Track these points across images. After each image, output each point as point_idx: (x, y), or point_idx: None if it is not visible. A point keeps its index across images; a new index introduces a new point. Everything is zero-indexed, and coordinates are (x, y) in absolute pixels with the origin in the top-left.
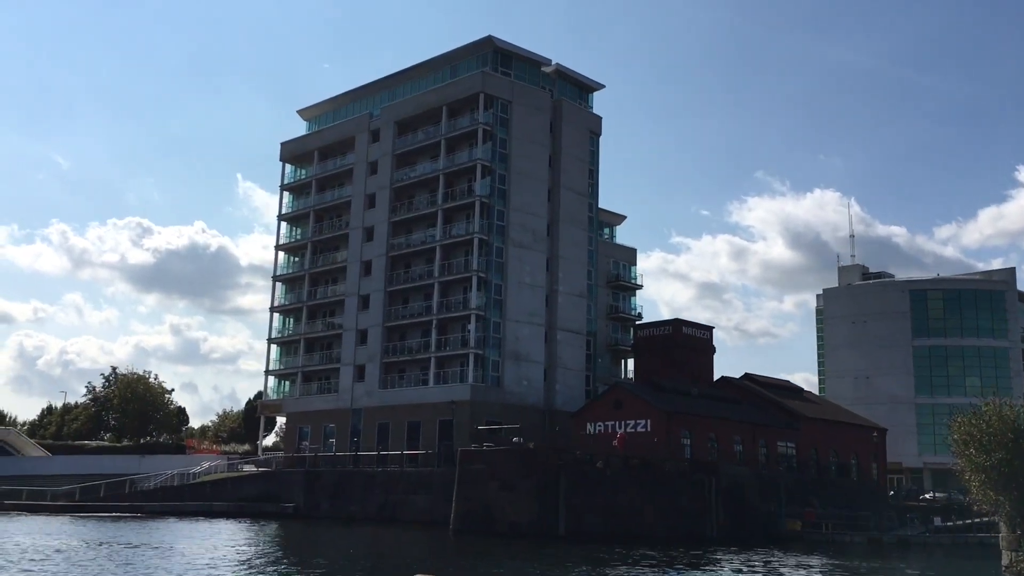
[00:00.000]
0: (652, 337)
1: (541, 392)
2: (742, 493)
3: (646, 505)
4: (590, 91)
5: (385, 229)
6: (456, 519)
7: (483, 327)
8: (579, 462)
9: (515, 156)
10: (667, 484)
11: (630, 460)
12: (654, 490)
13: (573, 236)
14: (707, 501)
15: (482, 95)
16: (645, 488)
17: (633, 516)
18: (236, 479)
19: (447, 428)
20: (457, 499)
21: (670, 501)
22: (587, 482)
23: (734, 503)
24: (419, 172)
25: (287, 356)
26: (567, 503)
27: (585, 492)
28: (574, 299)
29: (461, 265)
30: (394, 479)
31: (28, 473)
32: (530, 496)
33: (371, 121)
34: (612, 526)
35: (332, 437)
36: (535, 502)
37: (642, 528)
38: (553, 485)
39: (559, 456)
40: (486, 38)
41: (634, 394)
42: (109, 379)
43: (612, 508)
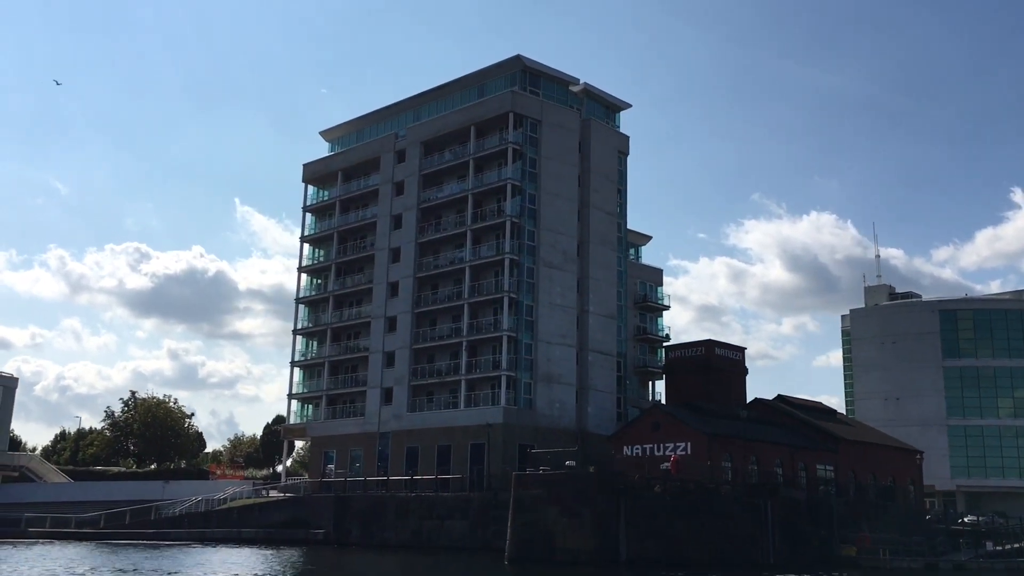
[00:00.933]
0: (684, 358)
1: (573, 414)
2: (797, 517)
3: (704, 530)
4: (617, 110)
5: (412, 250)
6: (513, 546)
7: (514, 348)
8: (637, 487)
9: (545, 176)
10: (723, 509)
11: (686, 484)
12: (711, 515)
13: (603, 256)
14: (764, 526)
15: (511, 114)
16: (702, 513)
17: (692, 542)
18: (263, 505)
19: (479, 452)
20: (513, 525)
21: (727, 526)
22: (645, 507)
23: (790, 528)
24: (447, 192)
25: (310, 379)
26: (627, 529)
27: (644, 518)
28: (604, 320)
29: (491, 286)
30: (428, 504)
31: (51, 500)
32: (592, 522)
33: (396, 141)
34: (671, 552)
35: (359, 461)
36: (597, 528)
37: (701, 554)
38: (614, 511)
39: (619, 481)
40: (514, 57)
41: (673, 416)
42: (128, 403)
43: (671, 534)
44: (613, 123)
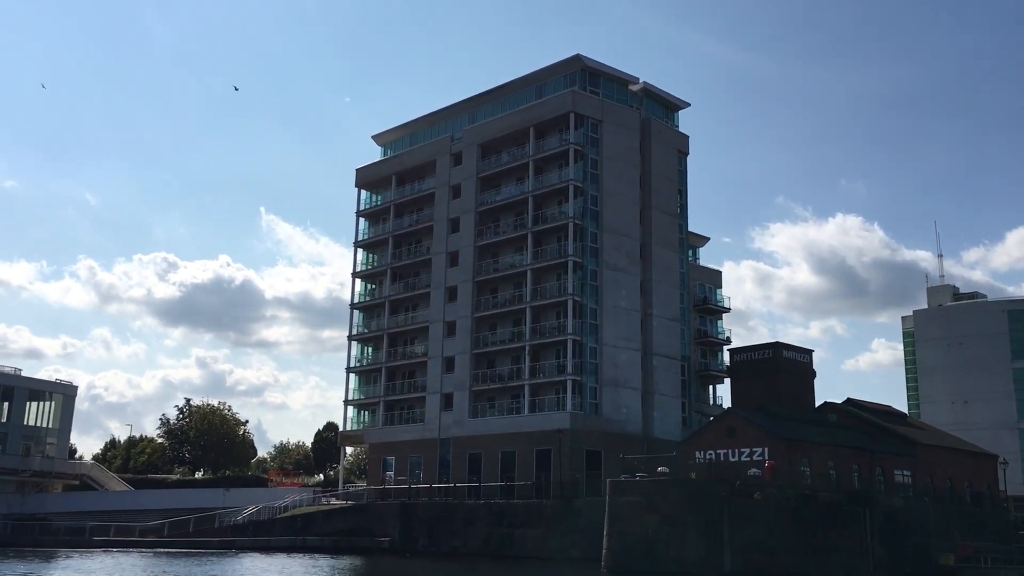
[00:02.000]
0: (750, 361)
1: (639, 420)
2: (895, 525)
3: (805, 539)
4: (676, 109)
5: (471, 253)
6: (610, 556)
7: (579, 353)
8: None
9: (606, 177)
10: (822, 516)
11: (784, 491)
12: (811, 523)
13: (665, 258)
14: (863, 534)
15: (572, 114)
16: (802, 521)
17: (794, 551)
18: (326, 512)
19: (544, 458)
20: (610, 535)
21: (828, 534)
22: (747, 515)
23: (888, 536)
24: (505, 195)
25: (366, 385)
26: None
27: (747, 526)
28: (668, 323)
29: (554, 289)
30: (498, 512)
31: (112, 508)
32: (696, 531)
33: (453, 144)
34: (775, 561)
35: (418, 468)
36: (701, 538)
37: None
38: (717, 519)
39: (723, 488)
40: (574, 56)
41: (749, 421)
42: (183, 411)
43: (773, 543)
44: (672, 122)
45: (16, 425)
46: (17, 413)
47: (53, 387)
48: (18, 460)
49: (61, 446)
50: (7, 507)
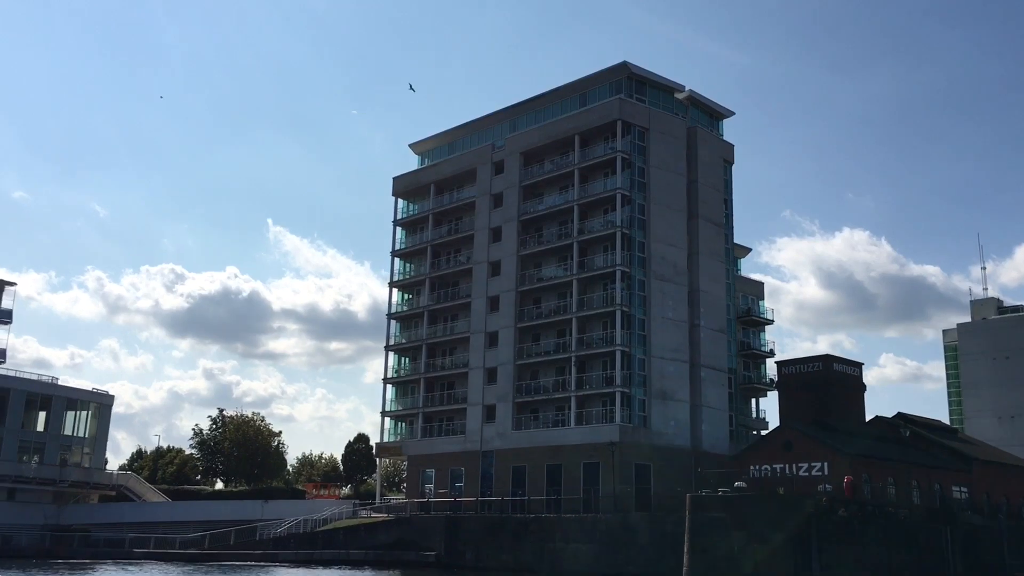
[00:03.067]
0: (800, 374)
1: (688, 433)
2: (975, 543)
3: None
4: (720, 118)
5: (513, 263)
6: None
7: (627, 364)
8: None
9: (653, 185)
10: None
11: (865, 507)
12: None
13: (712, 268)
14: (944, 552)
15: (619, 122)
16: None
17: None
18: (369, 526)
19: (592, 471)
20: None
21: (911, 552)
22: (833, 532)
23: (968, 554)
24: (548, 204)
25: (403, 396)
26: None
27: (832, 543)
28: (715, 334)
29: (601, 299)
30: (549, 526)
31: (151, 520)
32: (784, 548)
33: (494, 152)
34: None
35: (459, 481)
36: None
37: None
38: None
39: (810, 504)
40: (620, 64)
41: (808, 435)
42: (216, 421)
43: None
44: (716, 131)
45: (53, 435)
46: (55, 423)
47: (90, 396)
48: (55, 470)
49: (97, 456)
50: (44, 518)
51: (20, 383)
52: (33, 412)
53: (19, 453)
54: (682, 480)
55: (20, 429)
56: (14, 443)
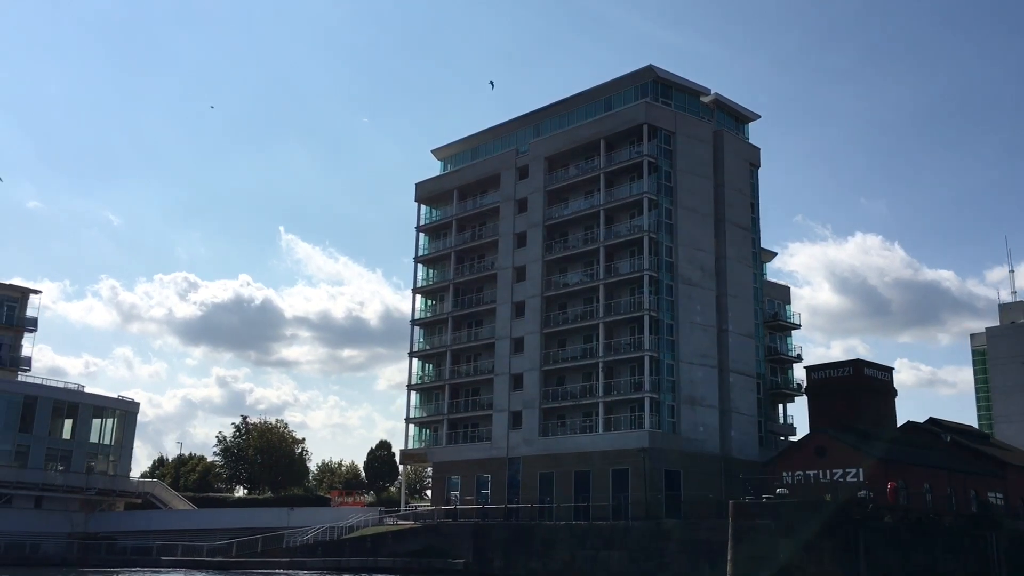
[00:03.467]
0: (829, 379)
1: (717, 439)
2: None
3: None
4: (746, 121)
5: (539, 268)
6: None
7: (656, 369)
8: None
9: (680, 189)
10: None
11: (909, 514)
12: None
13: (739, 273)
14: (989, 558)
15: (646, 126)
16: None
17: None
18: (396, 533)
19: (621, 478)
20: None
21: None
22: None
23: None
24: (573, 208)
25: (427, 403)
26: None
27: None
28: (743, 339)
29: (628, 304)
30: (580, 534)
31: (177, 527)
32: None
33: (518, 157)
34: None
35: (485, 487)
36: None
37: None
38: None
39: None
40: (646, 67)
41: (841, 440)
42: (240, 428)
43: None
44: (742, 134)
45: (80, 442)
46: (82, 431)
47: (116, 404)
48: (82, 478)
49: (123, 464)
50: (71, 526)
51: (47, 391)
52: (59, 420)
53: (46, 461)
54: (711, 486)
55: (47, 437)
56: (41, 451)
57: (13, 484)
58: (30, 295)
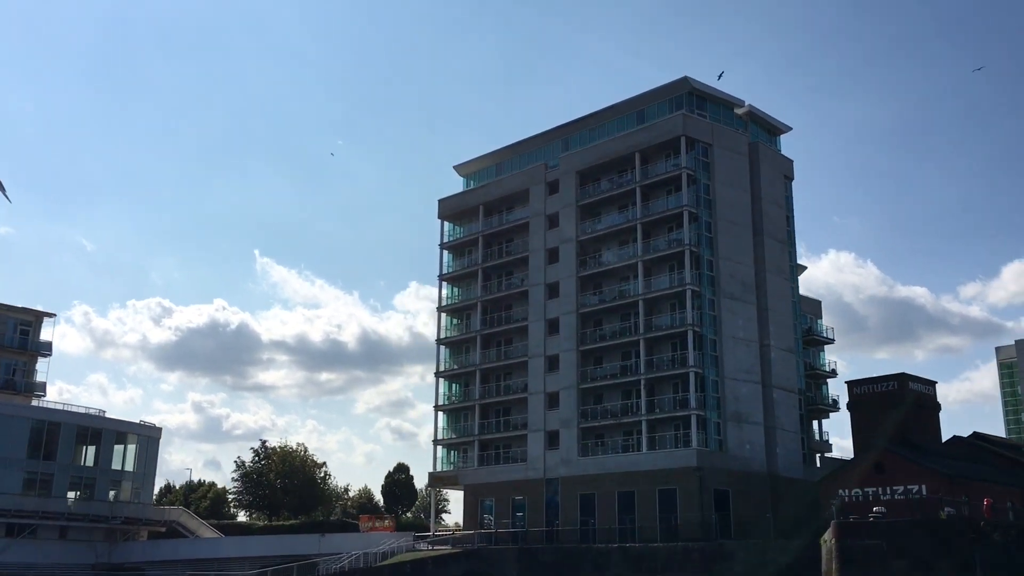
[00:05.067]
0: (873, 394)
1: (763, 456)
2: None
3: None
4: (778, 133)
5: (572, 285)
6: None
7: (701, 386)
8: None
9: (719, 202)
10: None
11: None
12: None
13: (778, 287)
14: None
15: (684, 138)
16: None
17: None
18: (437, 558)
19: (667, 498)
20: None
21: None
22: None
23: None
24: (607, 223)
25: (455, 423)
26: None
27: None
28: (784, 354)
29: (669, 320)
30: (636, 556)
31: (205, 556)
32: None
33: (547, 172)
34: None
35: (521, 510)
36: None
37: None
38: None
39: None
40: (681, 79)
41: (902, 456)
42: (259, 452)
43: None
44: (775, 146)
45: (104, 470)
46: (104, 457)
47: (138, 429)
48: (107, 506)
49: (146, 491)
50: (95, 556)
51: (69, 416)
52: (82, 446)
53: (70, 489)
54: (760, 506)
55: (70, 464)
56: (65, 479)
57: (38, 514)
58: (44, 319)
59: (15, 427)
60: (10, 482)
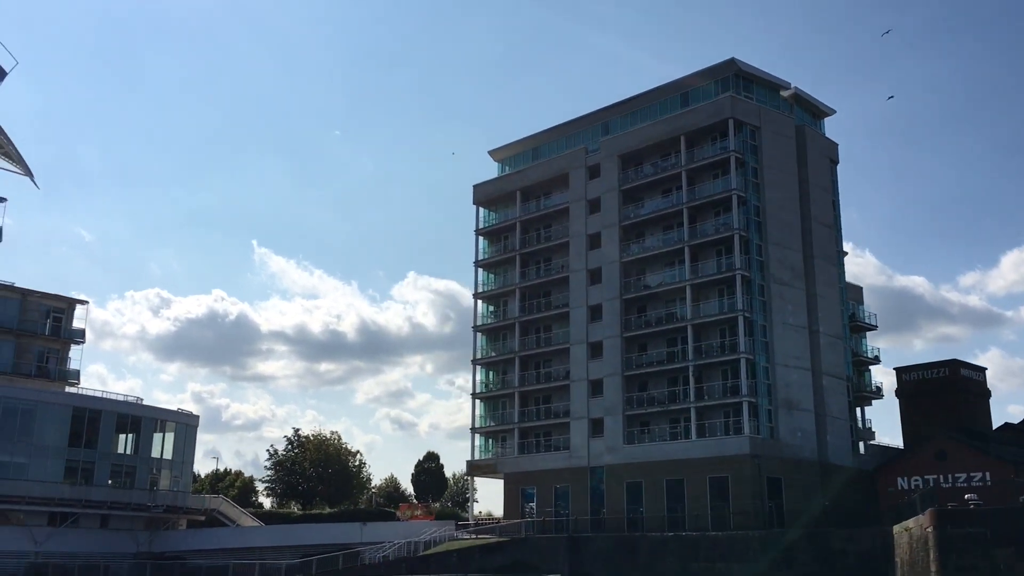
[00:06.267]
0: (923, 381)
1: (814, 444)
2: None
3: None
4: (822, 116)
5: (616, 270)
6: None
7: (752, 372)
8: None
9: (768, 186)
10: None
11: None
12: None
13: (825, 272)
14: None
15: (731, 120)
16: None
17: None
18: (483, 547)
19: (719, 486)
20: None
21: None
22: None
23: None
24: (649, 208)
25: (493, 411)
26: None
27: None
28: (832, 340)
29: (716, 306)
30: (693, 544)
31: (246, 545)
32: None
33: (587, 156)
34: None
35: (564, 498)
36: None
37: None
38: None
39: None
40: (728, 60)
41: (965, 444)
42: (292, 441)
43: None
44: (820, 129)
45: (144, 458)
46: (144, 446)
47: (176, 417)
48: (147, 495)
49: (185, 480)
50: (136, 545)
51: (109, 404)
52: (120, 434)
53: (111, 478)
54: (811, 494)
55: (111, 453)
56: (106, 467)
57: (80, 503)
58: (76, 306)
59: (56, 415)
60: (52, 471)
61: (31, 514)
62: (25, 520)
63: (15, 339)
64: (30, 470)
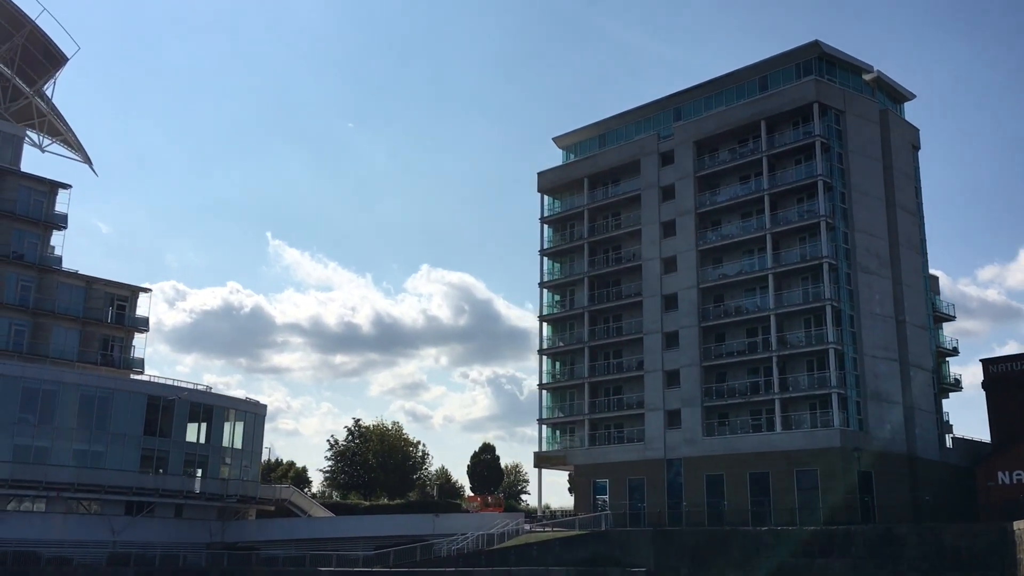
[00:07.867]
0: (1012, 372)
1: (903, 437)
2: None
3: None
4: (903, 100)
5: (692, 259)
6: None
7: (840, 363)
8: None
9: (853, 172)
10: None
11: None
12: None
13: (911, 260)
14: None
15: (816, 105)
16: None
17: None
18: (563, 540)
19: (807, 480)
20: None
21: None
22: None
23: None
24: (730, 194)
25: (560, 402)
26: None
27: None
28: (918, 331)
29: (800, 295)
30: (789, 539)
31: (319, 536)
32: None
33: (660, 143)
34: None
35: (639, 491)
36: None
37: None
38: None
39: None
40: (812, 43)
41: None
42: (352, 431)
43: None
44: (901, 114)
45: (216, 448)
46: (216, 435)
47: (245, 406)
48: (221, 484)
49: (254, 470)
50: (209, 535)
51: (182, 392)
52: (192, 423)
53: (185, 467)
54: (898, 488)
55: (184, 442)
56: (180, 457)
57: (157, 492)
58: (140, 293)
59: (132, 403)
60: (129, 459)
61: (108, 503)
62: (102, 509)
63: (81, 327)
64: (107, 459)
